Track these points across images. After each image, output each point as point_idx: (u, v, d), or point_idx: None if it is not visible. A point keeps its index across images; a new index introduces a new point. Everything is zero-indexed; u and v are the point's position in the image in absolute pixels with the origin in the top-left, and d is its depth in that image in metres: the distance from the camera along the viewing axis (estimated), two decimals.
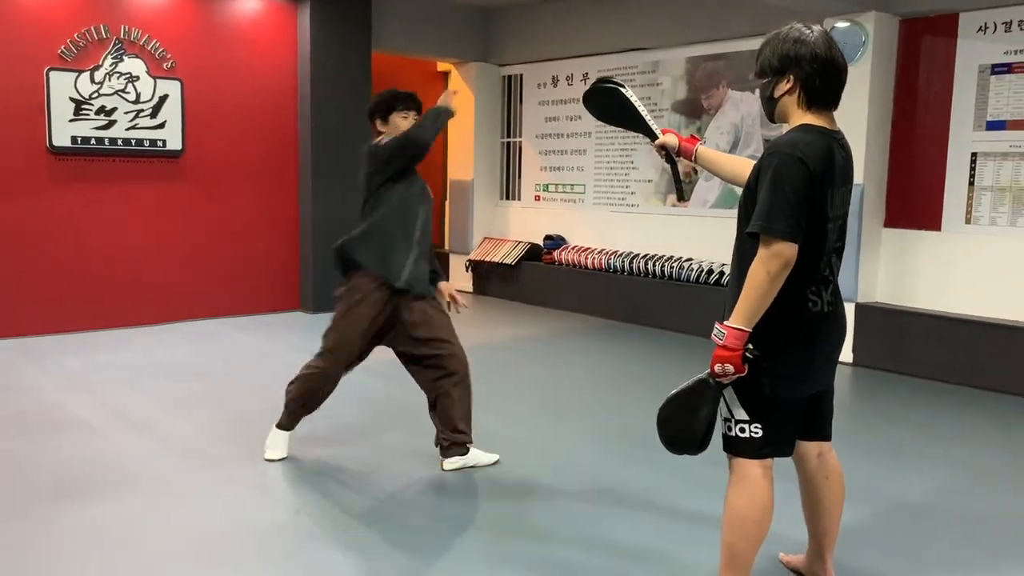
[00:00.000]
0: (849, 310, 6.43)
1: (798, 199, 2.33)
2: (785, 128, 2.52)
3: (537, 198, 9.52)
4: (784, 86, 2.49)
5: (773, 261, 2.34)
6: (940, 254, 6.29)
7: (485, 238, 9.78)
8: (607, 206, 8.68)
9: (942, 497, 3.85)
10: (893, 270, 6.54)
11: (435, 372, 3.92)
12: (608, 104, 3.08)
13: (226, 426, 4.59)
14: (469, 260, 9.69)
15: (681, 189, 3.14)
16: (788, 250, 2.33)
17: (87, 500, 3.56)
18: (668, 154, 3.00)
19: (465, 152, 9.82)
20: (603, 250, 8.57)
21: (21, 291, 6.70)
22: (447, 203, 10.28)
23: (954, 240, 6.21)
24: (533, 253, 9.14)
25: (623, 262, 8.24)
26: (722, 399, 2.51)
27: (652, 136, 3.01)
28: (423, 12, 9.05)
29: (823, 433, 2.73)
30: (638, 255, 8.17)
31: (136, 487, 3.73)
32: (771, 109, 2.57)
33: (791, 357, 2.48)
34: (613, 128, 8.59)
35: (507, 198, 9.96)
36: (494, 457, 4.08)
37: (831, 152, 2.42)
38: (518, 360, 6.59)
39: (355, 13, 8.16)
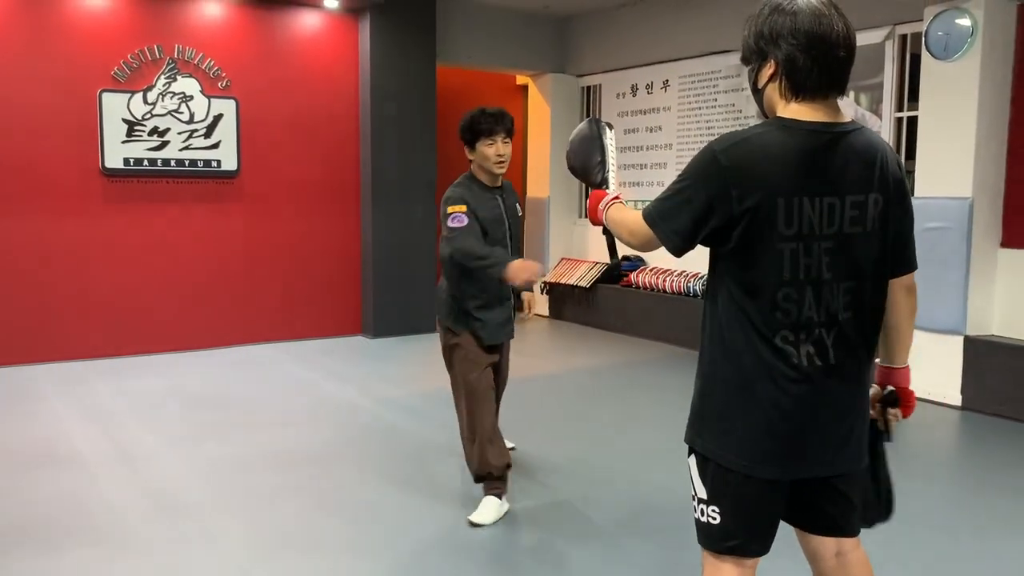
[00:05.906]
0: (957, 345, 5.50)
1: (689, 199, 1.86)
2: None
3: None
4: (768, 71, 1.89)
5: (636, 233, 2.08)
6: None
7: (563, 258, 9.22)
8: None
9: None
10: (1011, 298, 5.55)
11: None
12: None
13: (217, 468, 4.23)
14: (544, 282, 9.15)
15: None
16: (648, 238, 2.02)
17: (29, 549, 3.25)
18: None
19: (541, 168, 9.29)
20: (683, 272, 7.84)
21: (72, 314, 6.64)
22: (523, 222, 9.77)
23: None
24: (610, 275, 8.51)
25: (704, 286, 7.49)
26: (689, 471, 2.01)
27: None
28: (492, 22, 8.61)
29: (844, 528, 2.04)
30: None
31: (90, 536, 3.39)
32: (760, 104, 1.97)
33: (748, 421, 1.86)
34: (696, 139, 7.97)
35: (586, 216, 9.37)
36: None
37: (800, 152, 1.80)
38: (574, 394, 5.99)
39: (419, 25, 7.81)
